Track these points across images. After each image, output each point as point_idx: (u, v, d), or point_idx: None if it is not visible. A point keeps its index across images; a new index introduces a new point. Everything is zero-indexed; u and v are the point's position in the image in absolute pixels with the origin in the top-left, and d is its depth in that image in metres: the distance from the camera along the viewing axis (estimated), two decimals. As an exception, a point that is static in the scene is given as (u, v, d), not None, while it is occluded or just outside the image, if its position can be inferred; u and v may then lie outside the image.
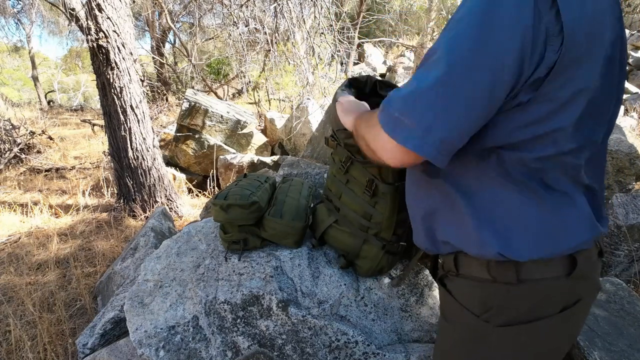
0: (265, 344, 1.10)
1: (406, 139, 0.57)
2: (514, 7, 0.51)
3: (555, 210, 0.62)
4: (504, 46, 0.52)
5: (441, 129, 0.55)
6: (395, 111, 0.58)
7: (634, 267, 1.89)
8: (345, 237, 1.17)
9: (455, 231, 0.69)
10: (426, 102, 0.55)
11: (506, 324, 0.65)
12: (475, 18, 0.53)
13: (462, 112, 0.55)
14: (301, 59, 4.05)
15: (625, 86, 7.22)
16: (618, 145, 2.66)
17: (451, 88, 0.54)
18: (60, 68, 20.44)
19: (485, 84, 0.53)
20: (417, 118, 0.56)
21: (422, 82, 0.56)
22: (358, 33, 8.10)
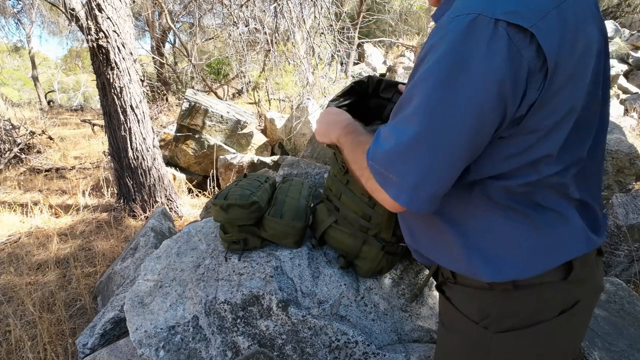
0: (265, 344, 1.10)
1: (397, 195, 0.57)
2: (487, 54, 0.48)
3: (546, 229, 0.62)
4: (480, 99, 0.50)
5: (429, 185, 0.55)
6: (381, 167, 0.58)
7: (634, 267, 1.89)
8: (345, 237, 1.17)
9: (446, 256, 0.70)
10: (408, 159, 0.55)
11: (505, 330, 0.65)
12: (446, 69, 0.50)
13: (445, 165, 0.54)
14: (301, 59, 4.05)
15: (625, 86, 7.23)
16: (618, 145, 2.66)
17: (431, 144, 0.53)
18: (60, 68, 20.44)
19: (465, 134, 0.52)
20: (402, 176, 0.56)
21: (400, 138, 0.55)
22: (358, 33, 8.11)
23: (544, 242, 0.62)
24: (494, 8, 0.49)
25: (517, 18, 0.48)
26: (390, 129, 0.58)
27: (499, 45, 0.48)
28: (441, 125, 0.52)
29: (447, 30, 0.51)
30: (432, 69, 0.52)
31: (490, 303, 0.66)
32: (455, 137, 0.52)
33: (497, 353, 0.67)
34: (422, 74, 0.53)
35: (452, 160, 0.54)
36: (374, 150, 0.59)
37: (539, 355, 0.66)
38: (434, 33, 0.53)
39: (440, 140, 0.52)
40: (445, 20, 0.52)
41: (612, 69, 7.25)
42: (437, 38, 0.52)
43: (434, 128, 0.52)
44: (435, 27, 0.54)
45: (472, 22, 0.49)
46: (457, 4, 0.53)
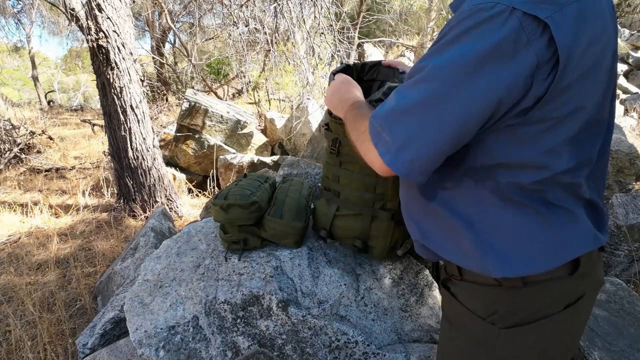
0: (265, 344, 1.10)
1: (383, 153, 0.60)
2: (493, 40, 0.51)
3: (557, 227, 0.63)
4: (477, 81, 0.52)
5: (411, 150, 0.58)
6: (378, 125, 0.61)
7: (634, 267, 1.89)
8: (351, 222, 1.16)
9: (457, 252, 0.70)
10: (402, 121, 0.58)
11: (511, 325, 0.65)
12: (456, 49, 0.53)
13: (433, 134, 0.56)
14: (301, 59, 4.05)
15: (625, 86, 7.23)
16: (618, 145, 2.66)
17: (425, 111, 0.56)
18: (60, 68, 20.45)
19: (456, 117, 0.55)
20: (393, 135, 0.59)
21: (402, 101, 0.59)
22: (358, 33, 8.10)
23: (554, 239, 0.63)
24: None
25: (535, 8, 0.50)
26: (395, 93, 0.61)
27: (508, 34, 0.50)
28: (438, 96, 0.55)
29: (464, 16, 0.53)
30: (444, 46, 0.55)
31: (497, 299, 0.66)
32: (447, 112, 0.55)
33: (503, 349, 0.67)
34: (435, 49, 0.57)
35: (440, 132, 0.56)
36: (378, 109, 0.63)
37: (543, 350, 0.67)
38: (454, 18, 0.56)
39: (434, 109, 0.55)
40: (464, 9, 0.54)
41: (612, 69, 7.24)
42: (454, 22, 0.55)
43: (431, 97, 0.55)
44: (457, 13, 0.56)
45: (489, 9, 0.51)
46: None
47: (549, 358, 0.68)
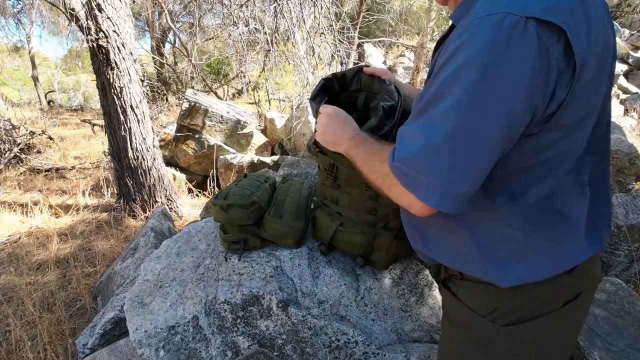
0: (265, 344, 1.10)
1: (426, 196, 0.56)
2: (517, 55, 0.48)
3: (560, 237, 0.63)
4: (512, 97, 0.50)
5: (460, 184, 0.55)
6: (410, 168, 0.56)
7: (634, 267, 1.89)
8: (354, 236, 1.15)
9: (459, 261, 0.70)
10: (440, 158, 0.54)
11: (511, 323, 0.66)
12: (479, 68, 0.50)
13: (476, 164, 0.54)
14: (301, 59, 4.05)
15: (625, 86, 7.23)
16: (618, 145, 2.66)
17: (463, 143, 0.53)
18: (60, 68, 20.44)
19: (497, 134, 0.52)
20: (434, 176, 0.55)
21: (431, 137, 0.54)
22: (358, 33, 8.10)
23: (557, 250, 0.63)
24: (523, 6, 0.49)
25: (548, 14, 0.48)
26: (417, 129, 0.57)
27: (529, 46, 0.48)
28: (474, 124, 0.52)
29: (476, 30, 0.50)
30: (463, 69, 0.51)
31: (497, 298, 0.66)
32: (488, 135, 0.52)
33: (503, 346, 0.68)
34: (453, 73, 0.52)
35: (484, 159, 0.54)
36: (401, 152, 0.58)
37: (542, 347, 0.67)
38: (461, 33, 0.53)
39: (473, 138, 0.52)
40: (473, 21, 0.51)
41: (612, 69, 7.25)
42: (465, 37, 0.51)
43: (466, 127, 0.52)
44: (461, 26, 0.53)
45: (501, 21, 0.49)
46: (482, 3, 0.53)
47: (548, 355, 0.69)
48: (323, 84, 1.05)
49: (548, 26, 0.48)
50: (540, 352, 0.68)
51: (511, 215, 0.61)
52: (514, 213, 0.61)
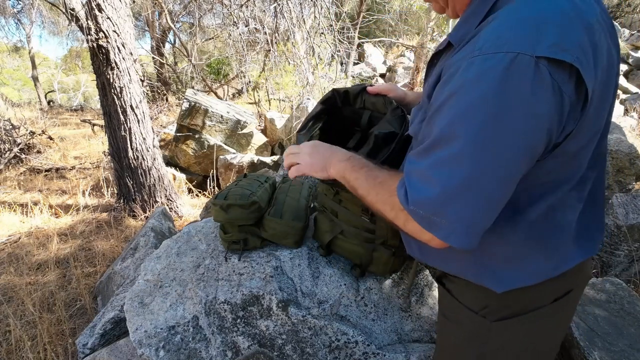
0: (265, 344, 1.10)
1: (447, 237, 0.55)
2: (532, 96, 0.47)
3: (558, 251, 0.65)
4: (529, 137, 0.50)
5: (481, 223, 0.55)
6: (427, 212, 0.55)
7: (634, 267, 1.89)
8: (354, 246, 1.15)
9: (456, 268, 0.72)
10: (458, 203, 0.53)
11: (502, 318, 0.69)
12: (493, 110, 0.49)
13: (495, 201, 0.54)
14: (301, 59, 4.05)
15: (625, 86, 7.23)
16: (618, 145, 2.66)
17: (481, 187, 0.52)
18: (60, 68, 20.44)
19: (513, 173, 0.52)
20: (454, 219, 0.54)
21: (448, 182, 0.53)
22: (358, 33, 8.10)
23: (552, 259, 0.65)
24: (533, 44, 0.47)
25: (559, 52, 0.47)
26: (428, 171, 0.55)
27: (543, 86, 0.47)
28: (490, 168, 0.51)
29: (484, 69, 0.49)
30: (475, 109, 0.50)
31: (489, 294, 0.68)
32: (505, 176, 0.52)
33: (494, 341, 0.70)
34: (464, 112, 0.51)
35: (501, 195, 0.54)
36: (415, 195, 0.57)
37: (532, 341, 0.70)
38: (467, 67, 0.51)
39: (491, 181, 0.52)
40: (479, 56, 0.50)
41: (612, 69, 7.24)
42: (472, 74, 0.50)
43: (483, 170, 0.51)
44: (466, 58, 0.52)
45: (512, 61, 0.47)
46: (489, 35, 0.51)
47: (538, 348, 0.71)
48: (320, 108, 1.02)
49: (560, 64, 0.48)
50: (530, 346, 0.70)
51: (511, 231, 0.63)
52: (513, 230, 0.62)
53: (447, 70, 0.55)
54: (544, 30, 0.48)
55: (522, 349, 0.70)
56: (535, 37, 0.48)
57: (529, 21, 0.49)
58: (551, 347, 0.73)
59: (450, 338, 0.78)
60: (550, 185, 0.60)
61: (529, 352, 0.71)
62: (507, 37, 0.49)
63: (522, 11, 0.51)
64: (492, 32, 0.51)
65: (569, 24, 0.49)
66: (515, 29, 0.50)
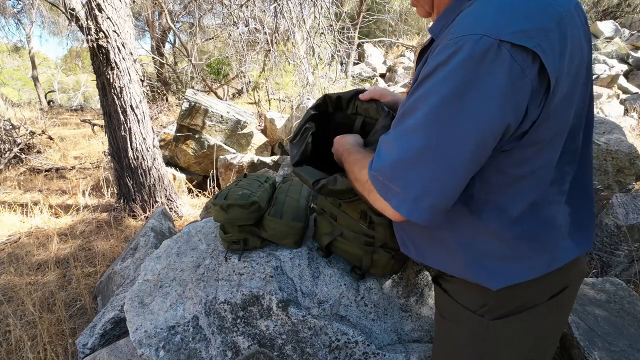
0: (265, 344, 1.10)
1: (399, 205, 0.58)
2: (489, 76, 0.50)
3: (549, 247, 0.66)
4: (483, 116, 0.52)
5: (430, 196, 0.56)
6: (385, 179, 0.59)
7: (634, 267, 1.89)
8: (353, 249, 1.14)
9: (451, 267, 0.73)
10: (411, 171, 0.56)
11: (499, 316, 0.69)
12: (452, 86, 0.52)
13: (447, 178, 0.55)
14: (301, 59, 4.05)
15: (625, 86, 7.22)
16: (618, 145, 2.66)
17: (434, 157, 0.54)
18: (60, 68, 20.45)
19: (467, 150, 0.54)
20: (406, 187, 0.57)
21: (404, 150, 0.56)
22: (358, 33, 8.10)
23: (545, 255, 0.66)
24: (498, 29, 0.50)
25: (522, 38, 0.50)
26: (392, 140, 0.59)
27: (500, 68, 0.50)
28: (445, 139, 0.53)
29: (453, 50, 0.52)
30: (437, 85, 0.53)
31: (487, 293, 0.69)
32: (458, 152, 0.54)
33: (492, 339, 0.71)
34: (428, 89, 0.54)
35: (454, 174, 0.55)
36: (377, 161, 0.61)
37: (530, 338, 0.71)
38: (439, 52, 0.54)
39: (443, 154, 0.54)
40: (450, 40, 0.53)
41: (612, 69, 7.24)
42: (443, 57, 0.53)
43: (437, 142, 0.54)
44: (442, 45, 0.54)
45: (475, 43, 0.50)
46: (461, 22, 0.54)
47: (536, 345, 0.72)
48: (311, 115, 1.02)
49: (523, 49, 0.50)
50: (528, 343, 0.71)
51: (499, 230, 0.64)
52: (501, 228, 0.64)
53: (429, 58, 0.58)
54: (512, 17, 0.51)
55: (521, 346, 0.71)
56: (503, 22, 0.51)
57: (500, 9, 0.52)
58: (549, 344, 0.74)
59: (448, 338, 0.79)
60: (528, 180, 0.61)
61: (527, 349, 0.71)
62: (477, 22, 0.52)
63: (495, 1, 0.54)
64: (464, 19, 0.55)
65: (537, 13, 0.52)
66: (485, 16, 0.53)
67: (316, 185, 0.89)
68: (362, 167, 0.67)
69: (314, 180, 0.89)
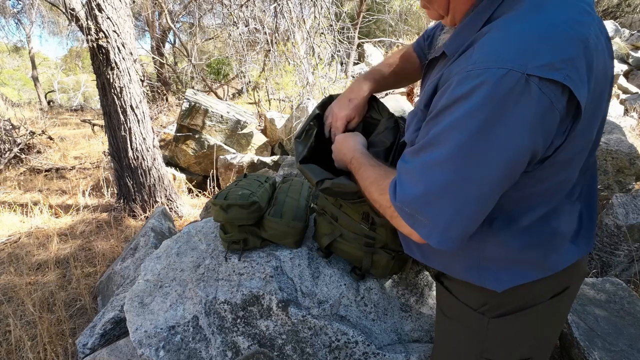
0: (265, 344, 1.10)
1: (428, 236, 0.58)
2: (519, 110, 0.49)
3: (553, 250, 0.66)
4: (511, 150, 0.51)
5: (459, 226, 0.57)
6: (411, 210, 0.59)
7: (634, 267, 1.89)
8: (353, 250, 1.14)
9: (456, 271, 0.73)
10: (439, 204, 0.56)
11: (500, 315, 0.70)
12: (480, 121, 0.50)
13: (475, 208, 0.56)
14: (301, 59, 4.05)
15: (625, 86, 7.22)
16: (618, 145, 2.66)
17: (461, 191, 0.54)
18: (60, 68, 20.45)
19: (494, 181, 0.53)
20: (434, 219, 0.57)
21: (431, 184, 0.56)
22: (358, 33, 8.10)
23: (549, 259, 0.67)
24: (525, 61, 0.48)
25: (550, 71, 0.48)
26: (414, 171, 0.59)
27: (529, 102, 0.48)
28: (471, 174, 0.53)
29: (477, 83, 0.50)
30: (462, 120, 0.52)
31: (488, 292, 0.69)
32: (485, 184, 0.54)
33: (493, 336, 0.72)
34: (452, 123, 0.53)
35: (481, 204, 0.56)
36: (401, 193, 0.60)
37: (530, 336, 0.71)
38: (461, 81, 0.52)
39: (470, 187, 0.54)
40: (473, 71, 0.51)
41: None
42: (466, 89, 0.51)
43: (466, 176, 0.53)
44: (462, 75, 0.53)
45: (503, 77, 0.48)
46: (483, 50, 0.52)
47: (535, 343, 0.73)
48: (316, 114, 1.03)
49: (551, 81, 0.48)
50: (527, 342, 0.72)
51: (508, 238, 0.64)
52: (510, 237, 0.64)
53: (444, 83, 0.57)
54: (538, 47, 0.49)
55: (520, 344, 0.72)
56: (529, 53, 0.49)
57: (524, 37, 0.50)
58: (548, 342, 0.75)
59: (449, 335, 0.80)
60: (544, 195, 0.62)
61: (526, 347, 0.72)
62: (500, 52, 0.50)
63: (518, 25, 0.52)
64: (487, 46, 0.52)
65: (564, 41, 0.50)
66: (509, 44, 0.50)
67: (320, 185, 0.89)
68: (381, 191, 0.66)
69: (318, 180, 0.89)
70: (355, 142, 0.86)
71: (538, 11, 0.52)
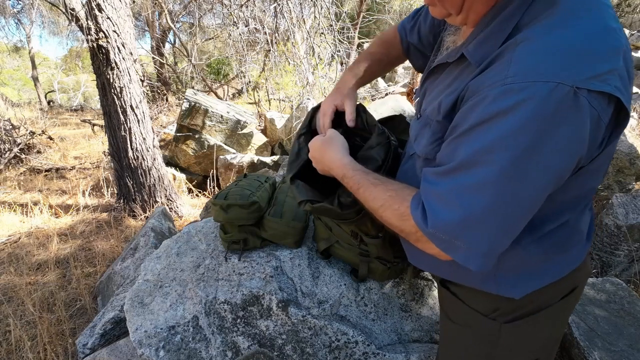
0: (265, 344, 1.10)
1: (466, 260, 0.55)
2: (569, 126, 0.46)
3: (571, 249, 0.67)
4: (559, 166, 0.49)
5: (500, 248, 0.55)
6: (447, 236, 0.55)
7: (634, 267, 1.89)
8: (351, 254, 1.14)
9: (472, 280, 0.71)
10: (479, 229, 0.53)
11: (512, 319, 0.69)
12: (527, 141, 0.47)
13: (518, 227, 0.54)
14: (301, 59, 4.05)
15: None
16: (618, 145, 2.66)
17: (505, 213, 0.52)
18: (60, 68, 20.45)
19: (539, 198, 0.52)
20: (474, 244, 0.54)
21: (471, 208, 0.52)
22: (358, 33, 8.10)
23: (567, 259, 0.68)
24: (572, 74, 0.46)
25: (598, 83, 0.46)
26: (448, 195, 0.54)
27: (578, 116, 0.46)
28: (518, 195, 0.50)
29: (521, 98, 0.47)
30: (509, 137, 0.48)
31: (499, 298, 0.68)
32: (531, 203, 0.52)
33: (504, 342, 0.71)
34: (496, 140, 0.49)
35: (524, 221, 0.54)
36: (434, 219, 0.56)
37: (539, 338, 0.71)
38: (499, 96, 0.49)
39: (516, 209, 0.52)
40: (513, 84, 0.48)
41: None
42: (507, 104, 0.47)
43: (509, 200, 0.51)
44: (499, 89, 0.49)
45: (550, 91, 0.45)
46: (522, 62, 0.49)
47: (544, 344, 0.73)
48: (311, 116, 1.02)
49: (599, 94, 0.47)
50: (538, 343, 0.72)
51: (528, 244, 0.63)
52: (531, 242, 0.63)
53: (474, 93, 0.53)
54: (582, 59, 0.47)
55: (531, 347, 0.71)
56: (575, 66, 0.46)
57: (566, 48, 0.48)
58: (555, 342, 0.76)
59: (456, 341, 0.78)
60: (572, 202, 0.62)
61: (536, 349, 0.72)
62: (544, 65, 0.47)
63: (556, 35, 0.49)
64: (527, 58, 0.49)
65: (606, 51, 0.48)
66: (552, 56, 0.47)
67: (302, 206, 0.88)
68: (401, 217, 0.61)
69: (299, 201, 0.88)
70: (338, 153, 0.79)
71: (574, 19, 0.49)
